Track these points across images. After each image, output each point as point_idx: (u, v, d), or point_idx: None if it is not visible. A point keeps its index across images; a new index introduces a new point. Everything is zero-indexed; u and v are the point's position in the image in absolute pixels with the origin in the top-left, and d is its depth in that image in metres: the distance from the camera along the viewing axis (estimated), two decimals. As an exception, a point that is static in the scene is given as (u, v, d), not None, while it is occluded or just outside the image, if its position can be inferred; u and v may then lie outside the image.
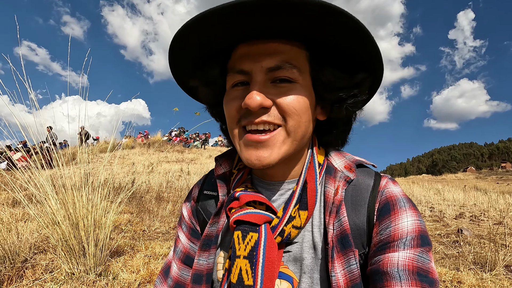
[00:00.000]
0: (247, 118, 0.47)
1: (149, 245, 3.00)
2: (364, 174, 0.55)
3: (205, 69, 0.54)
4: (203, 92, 0.58)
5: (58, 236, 2.09)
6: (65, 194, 2.20)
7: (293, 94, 0.47)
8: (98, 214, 2.30)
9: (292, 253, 0.51)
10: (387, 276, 0.43)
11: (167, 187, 6.71)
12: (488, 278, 2.50)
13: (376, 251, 0.47)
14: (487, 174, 38.08)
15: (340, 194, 0.50)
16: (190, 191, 0.70)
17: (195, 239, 0.64)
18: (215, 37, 0.47)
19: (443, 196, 9.42)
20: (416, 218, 0.48)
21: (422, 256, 0.45)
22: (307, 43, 0.48)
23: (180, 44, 0.48)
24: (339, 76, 0.49)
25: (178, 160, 13.38)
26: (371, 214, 0.50)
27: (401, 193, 0.51)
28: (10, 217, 2.67)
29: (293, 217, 0.49)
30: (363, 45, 0.45)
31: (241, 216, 0.48)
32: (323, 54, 0.48)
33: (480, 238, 4.08)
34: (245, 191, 0.52)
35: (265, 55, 0.46)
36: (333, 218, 0.49)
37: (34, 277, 2.18)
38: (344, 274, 0.46)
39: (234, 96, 0.49)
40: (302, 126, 0.48)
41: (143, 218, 4.21)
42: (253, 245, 0.46)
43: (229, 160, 0.63)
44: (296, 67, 0.47)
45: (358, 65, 0.49)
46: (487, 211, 6.74)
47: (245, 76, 0.48)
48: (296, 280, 0.50)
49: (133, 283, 2.13)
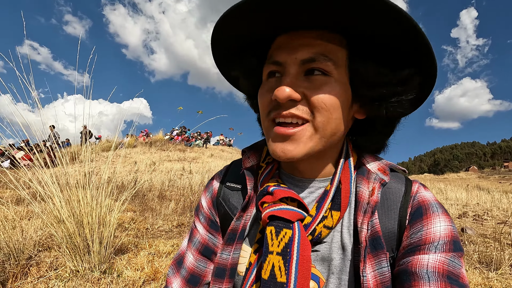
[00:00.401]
0: (276, 110, 0.47)
1: (152, 243, 3.00)
2: (395, 178, 0.54)
3: (244, 60, 0.53)
4: (243, 83, 0.58)
5: (63, 233, 2.09)
6: (70, 192, 2.20)
7: (325, 88, 0.45)
8: (103, 212, 2.30)
9: (320, 252, 0.50)
10: (415, 276, 0.42)
11: (169, 185, 6.72)
12: (494, 277, 2.48)
13: (405, 253, 0.46)
14: (490, 173, 37.94)
15: (376, 195, 0.49)
16: (210, 181, 0.68)
17: (213, 230, 0.63)
18: (254, 27, 0.46)
19: (445, 195, 9.39)
20: (449, 223, 0.47)
21: (454, 260, 0.43)
22: (347, 35, 0.46)
23: (220, 34, 0.49)
24: (380, 71, 0.46)
25: (180, 159, 13.40)
26: (403, 219, 0.49)
27: (433, 198, 0.51)
28: (15, 214, 2.67)
29: (325, 216, 0.49)
30: (410, 38, 0.42)
31: (275, 212, 0.47)
32: (363, 48, 0.46)
33: (484, 238, 4.06)
34: (278, 186, 0.51)
35: (300, 46, 0.45)
36: (368, 219, 0.48)
37: (38, 274, 2.18)
38: (374, 275, 0.45)
39: (267, 88, 0.49)
40: (332, 123, 0.46)
41: (146, 217, 4.21)
42: (287, 242, 0.45)
43: (256, 153, 0.62)
44: (331, 60, 0.45)
45: (404, 60, 0.46)
46: (490, 211, 6.71)
47: (279, 67, 0.48)
48: (323, 280, 0.49)
49: (137, 280, 2.13)
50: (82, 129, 3.47)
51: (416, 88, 0.48)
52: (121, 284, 2.06)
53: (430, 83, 0.50)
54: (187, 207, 4.89)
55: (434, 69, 0.47)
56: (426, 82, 0.49)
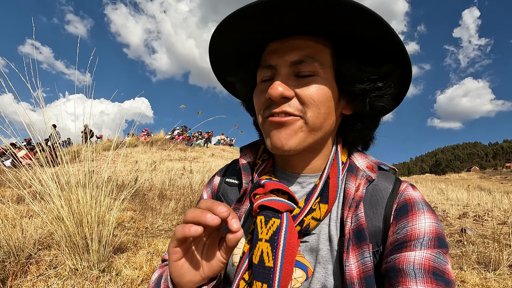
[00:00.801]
0: (269, 108, 0.51)
1: (152, 242, 3.02)
2: (385, 177, 0.57)
3: (242, 66, 0.59)
4: (240, 88, 0.63)
5: (62, 232, 2.11)
6: (70, 191, 2.22)
7: (313, 86, 0.49)
8: (102, 211, 2.32)
9: (309, 243, 0.53)
10: (402, 273, 0.44)
11: (169, 185, 6.73)
12: (492, 277, 2.48)
13: (392, 250, 0.48)
14: (491, 174, 37.77)
15: (361, 191, 0.52)
16: (212, 178, 0.73)
17: None
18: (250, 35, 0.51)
19: (446, 195, 9.36)
20: (434, 221, 0.49)
21: (439, 257, 0.45)
22: (331, 38, 0.51)
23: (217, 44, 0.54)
24: (361, 68, 0.50)
25: (180, 158, 13.42)
26: (388, 214, 0.51)
27: (420, 197, 0.53)
28: (15, 213, 2.69)
29: (314, 209, 0.51)
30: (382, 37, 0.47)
31: (265, 202, 0.51)
32: (345, 47, 0.51)
33: (484, 238, 4.05)
34: (269, 179, 0.54)
35: (290, 50, 0.50)
36: (352, 213, 0.51)
37: (38, 272, 2.20)
38: (357, 266, 0.47)
39: (262, 90, 0.53)
40: (321, 117, 0.50)
41: (146, 216, 4.23)
42: (275, 230, 0.49)
43: (253, 151, 0.66)
44: (317, 61, 0.49)
45: (382, 57, 0.51)
46: (491, 211, 6.69)
47: (271, 70, 0.52)
48: (311, 269, 0.52)
49: (136, 279, 2.14)
50: (83, 128, 3.49)
51: (395, 83, 0.53)
52: (119, 282, 2.08)
53: (407, 78, 0.55)
54: (187, 207, 4.90)
55: (408, 64, 0.52)
56: (403, 77, 0.54)
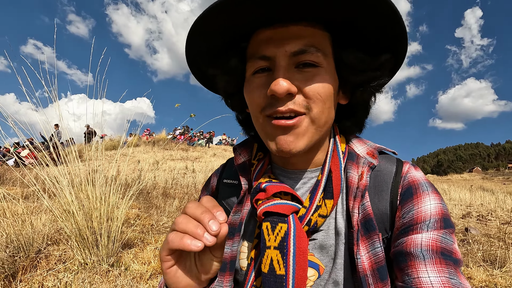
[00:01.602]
0: (272, 106, 0.46)
1: (158, 238, 3.04)
2: (386, 160, 0.55)
3: (224, 57, 0.52)
4: (221, 81, 0.56)
5: (72, 226, 2.13)
6: (80, 188, 2.24)
7: (318, 79, 0.46)
8: (110, 207, 2.34)
9: (318, 240, 0.51)
10: (410, 256, 0.44)
11: (173, 184, 6.76)
12: (499, 274, 2.49)
13: (399, 234, 0.47)
14: (494, 174, 37.62)
15: (365, 179, 0.50)
16: (208, 180, 0.69)
17: None
18: (235, 22, 0.45)
19: (449, 196, 9.34)
20: (439, 201, 0.48)
21: (446, 237, 0.45)
22: (330, 25, 0.47)
23: (199, 32, 0.47)
24: (363, 58, 0.48)
25: (182, 158, 13.45)
26: (394, 199, 0.50)
27: (423, 178, 0.52)
28: (24, 209, 2.72)
29: (319, 206, 0.49)
30: (390, 27, 0.45)
31: (269, 208, 0.48)
32: (346, 36, 0.47)
33: (488, 237, 4.05)
34: (270, 182, 0.51)
35: (288, 39, 0.45)
36: (358, 203, 0.49)
37: (48, 267, 2.22)
38: (368, 257, 0.46)
39: (258, 84, 0.48)
40: (325, 112, 0.48)
41: (150, 213, 4.25)
42: (283, 236, 0.46)
43: (247, 149, 0.63)
44: (320, 51, 0.46)
45: (382, 46, 0.49)
46: (494, 211, 6.68)
47: (267, 62, 0.47)
48: (322, 267, 0.50)
49: (145, 273, 2.17)
50: (86, 128, 3.51)
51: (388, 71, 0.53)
52: (129, 277, 2.10)
53: (398, 67, 0.55)
54: (191, 205, 4.92)
55: (404, 54, 0.52)
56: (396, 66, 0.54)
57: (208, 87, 0.63)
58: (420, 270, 0.42)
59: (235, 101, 0.59)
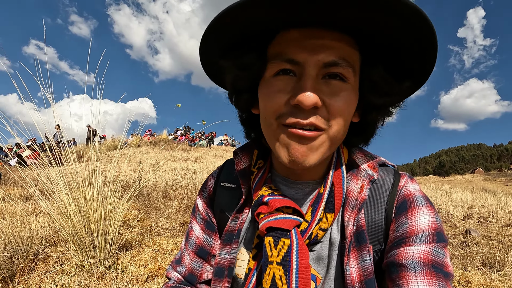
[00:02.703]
0: (294, 116, 0.43)
1: (156, 240, 3.04)
2: (384, 172, 0.55)
3: (240, 50, 0.48)
4: (233, 76, 0.51)
5: (69, 229, 2.14)
6: (77, 189, 2.25)
7: (344, 96, 0.44)
8: (108, 209, 2.34)
9: (316, 252, 0.52)
10: (402, 267, 0.44)
11: (173, 185, 6.77)
12: (497, 278, 2.47)
13: (392, 246, 0.48)
14: (496, 175, 37.39)
15: (364, 192, 0.50)
16: (205, 183, 0.69)
17: (209, 231, 0.64)
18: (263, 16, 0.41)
19: (450, 197, 9.29)
20: (433, 215, 0.48)
21: (438, 251, 0.45)
22: (361, 40, 0.44)
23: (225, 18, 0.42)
24: (389, 80, 0.47)
25: (183, 158, 13.47)
26: (389, 212, 0.50)
27: (418, 191, 0.52)
28: (23, 211, 2.73)
29: (321, 219, 0.49)
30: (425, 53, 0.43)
31: (272, 223, 0.48)
32: (375, 54, 0.45)
33: (488, 239, 4.03)
34: (272, 195, 0.51)
35: (322, 47, 0.42)
36: (355, 215, 0.49)
37: (45, 269, 2.23)
38: (357, 269, 0.47)
39: (279, 88, 0.44)
40: (342, 130, 0.46)
41: (150, 215, 4.26)
42: (286, 251, 0.46)
43: (248, 154, 0.61)
44: (352, 67, 0.44)
45: (407, 72, 0.48)
46: (495, 213, 6.63)
47: (294, 66, 0.43)
48: (319, 278, 0.50)
49: (141, 276, 2.17)
50: (87, 128, 3.53)
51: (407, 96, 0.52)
52: (125, 279, 2.10)
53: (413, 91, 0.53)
54: (191, 206, 4.93)
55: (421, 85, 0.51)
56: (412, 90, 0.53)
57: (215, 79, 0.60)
58: (411, 281, 0.43)
59: (242, 99, 0.54)
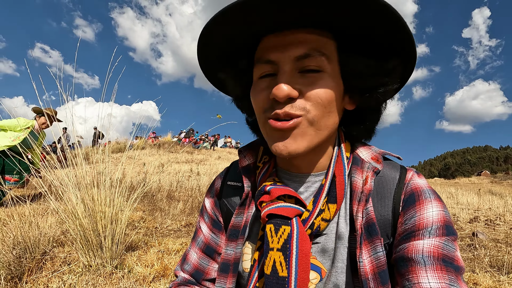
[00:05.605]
0: (272, 109, 0.47)
1: (162, 241, 3.06)
2: (390, 166, 0.55)
3: (232, 61, 0.54)
4: (230, 84, 0.58)
5: (77, 229, 2.17)
6: (85, 190, 2.28)
7: (321, 84, 0.46)
8: (115, 210, 2.37)
9: (321, 244, 0.52)
10: (411, 262, 0.44)
11: (177, 186, 6.80)
12: (506, 280, 2.44)
13: (400, 240, 0.48)
14: (503, 178, 36.82)
15: (369, 184, 0.51)
16: (212, 183, 0.70)
17: (216, 230, 0.66)
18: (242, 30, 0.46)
19: (456, 200, 9.18)
20: (441, 208, 0.48)
21: (448, 244, 0.45)
22: (335, 31, 0.47)
23: (208, 37, 0.48)
24: (369, 63, 0.48)
25: (187, 160, 13.52)
26: (397, 205, 0.50)
27: (426, 185, 0.52)
28: (31, 211, 2.77)
29: (322, 210, 0.50)
30: (395, 32, 0.44)
31: (273, 210, 0.49)
32: (352, 41, 0.47)
33: (496, 242, 3.97)
34: (274, 185, 0.52)
35: (293, 44, 0.46)
36: (362, 207, 0.49)
37: (53, 268, 2.25)
38: (370, 261, 0.47)
39: (261, 88, 0.49)
40: (326, 116, 0.48)
41: (155, 216, 4.28)
42: (286, 238, 0.47)
43: (253, 152, 0.63)
44: (324, 55, 0.46)
45: (389, 52, 0.48)
46: (503, 216, 6.54)
47: (272, 66, 0.48)
48: (324, 270, 0.51)
49: (148, 276, 2.18)
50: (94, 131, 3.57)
51: (399, 77, 0.51)
52: (132, 279, 2.11)
53: (409, 73, 0.53)
54: (195, 208, 4.94)
55: (414, 60, 0.50)
56: (406, 72, 0.53)
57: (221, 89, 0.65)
58: (421, 275, 0.42)
59: (244, 103, 0.61)
